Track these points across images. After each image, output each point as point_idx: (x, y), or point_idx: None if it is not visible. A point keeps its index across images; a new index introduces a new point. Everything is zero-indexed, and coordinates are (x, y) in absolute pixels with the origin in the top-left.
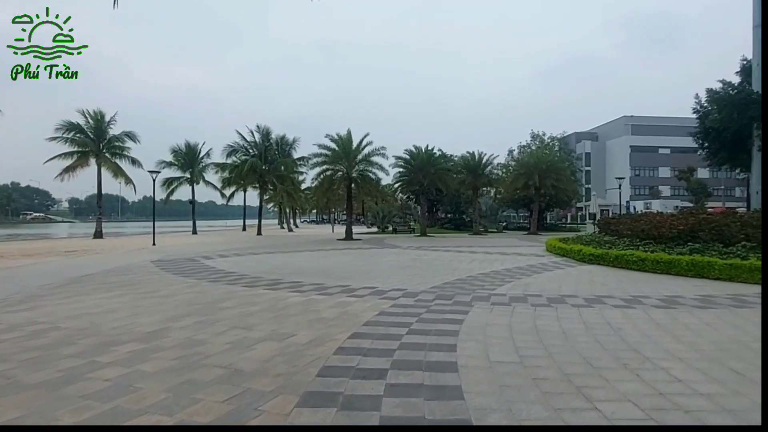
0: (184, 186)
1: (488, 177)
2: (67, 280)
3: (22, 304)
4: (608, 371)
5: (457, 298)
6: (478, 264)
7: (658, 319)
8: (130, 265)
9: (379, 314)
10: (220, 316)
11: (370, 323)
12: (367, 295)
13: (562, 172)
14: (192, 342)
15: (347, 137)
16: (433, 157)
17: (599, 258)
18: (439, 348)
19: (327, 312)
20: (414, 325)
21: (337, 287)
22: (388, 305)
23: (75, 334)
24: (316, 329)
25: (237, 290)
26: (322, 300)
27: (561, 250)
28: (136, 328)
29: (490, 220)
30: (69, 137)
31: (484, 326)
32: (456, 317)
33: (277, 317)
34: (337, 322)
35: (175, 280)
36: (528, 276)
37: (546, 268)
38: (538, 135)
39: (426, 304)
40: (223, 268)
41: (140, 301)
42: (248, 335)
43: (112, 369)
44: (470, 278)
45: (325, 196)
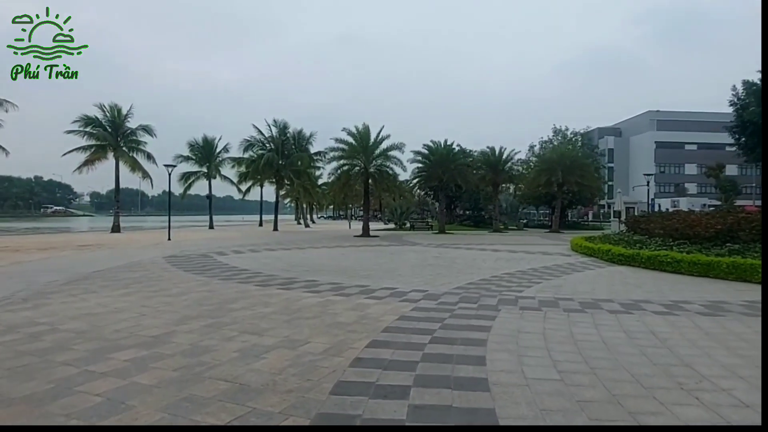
0: (203, 181)
1: (509, 173)
2: (77, 277)
3: (25, 303)
4: (662, 392)
5: (482, 301)
6: (502, 263)
7: (706, 327)
8: (142, 261)
9: (400, 319)
10: (229, 318)
11: (390, 329)
12: (387, 296)
13: (586, 169)
14: (197, 349)
15: (365, 131)
16: (452, 152)
17: (630, 259)
18: (467, 360)
19: (344, 315)
20: (437, 332)
21: (355, 287)
22: (409, 308)
23: (73, 338)
24: (332, 336)
25: (249, 290)
26: (339, 302)
27: (588, 250)
28: (140, 331)
29: (510, 217)
30: (87, 131)
31: (514, 334)
32: (483, 323)
33: (291, 321)
34: (354, 327)
35: (186, 277)
36: (556, 277)
37: (574, 268)
38: (560, 130)
39: (449, 308)
40: (237, 265)
41: (148, 301)
42: (258, 342)
43: (106, 381)
44: (495, 279)
45: (342, 192)
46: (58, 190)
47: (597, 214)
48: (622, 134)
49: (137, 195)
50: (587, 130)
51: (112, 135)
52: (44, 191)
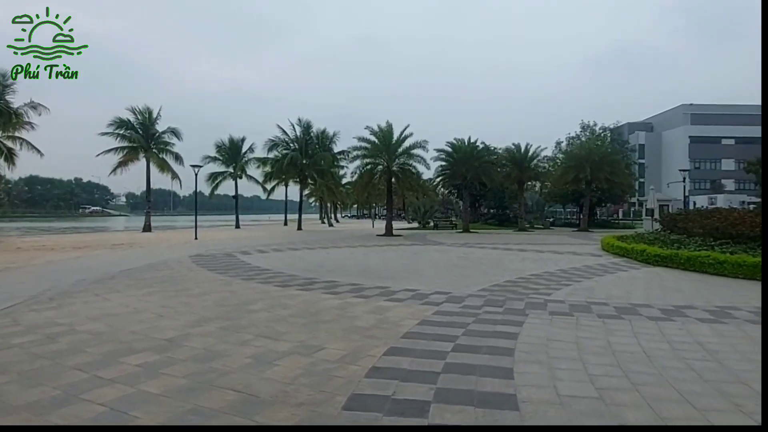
0: (230, 181)
1: (535, 170)
2: (104, 276)
3: (50, 303)
4: (718, 415)
5: (508, 304)
6: (529, 264)
7: (758, 338)
8: (169, 261)
9: (421, 323)
10: (247, 321)
11: (411, 335)
12: (408, 299)
13: (617, 165)
14: (210, 354)
15: (387, 130)
16: (476, 149)
17: (667, 259)
18: (493, 372)
19: (363, 319)
20: (461, 339)
21: (376, 289)
22: (431, 312)
23: (89, 340)
24: (349, 341)
25: (269, 290)
26: (358, 304)
27: (620, 250)
28: (155, 333)
29: (535, 215)
30: (120, 133)
31: (544, 343)
32: (509, 330)
33: (308, 324)
34: (373, 332)
35: (209, 277)
36: (587, 279)
37: (606, 269)
38: (588, 126)
39: (473, 312)
40: (259, 265)
41: (168, 301)
42: (273, 347)
43: (114, 388)
44: (522, 280)
45: (365, 191)
46: (96, 191)
47: (627, 213)
48: (654, 129)
49: (170, 195)
50: (617, 125)
51: (143, 137)
52: (83, 192)
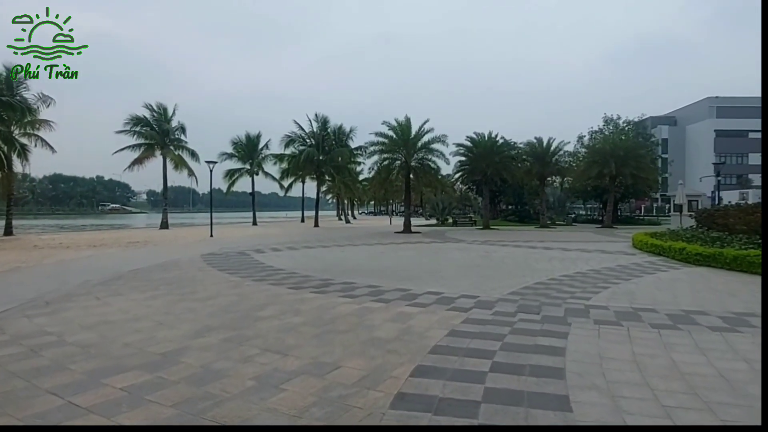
0: (247, 178)
1: (557, 165)
2: (112, 276)
3: (45, 308)
4: None
5: (545, 311)
6: (557, 263)
7: None
8: (180, 260)
9: (450, 334)
10: (254, 330)
11: (440, 350)
12: (432, 303)
13: (643, 159)
14: (207, 374)
15: (406, 124)
16: (497, 144)
17: (710, 258)
18: (546, 402)
19: (383, 328)
20: (498, 355)
21: (396, 292)
22: (460, 320)
23: (75, 355)
24: (368, 357)
25: (281, 293)
26: (377, 309)
27: (655, 248)
28: (150, 346)
29: (556, 212)
30: (136, 130)
31: (597, 361)
32: (553, 343)
33: (322, 335)
34: (396, 345)
35: (219, 278)
36: (625, 281)
37: (643, 270)
38: (611, 119)
39: (507, 320)
40: (272, 265)
41: (172, 306)
42: (281, 365)
43: (86, 420)
44: (554, 282)
45: (382, 187)
46: (117, 189)
47: (649, 208)
48: (678, 123)
49: (189, 193)
50: (641, 118)
51: (158, 133)
52: (105, 190)
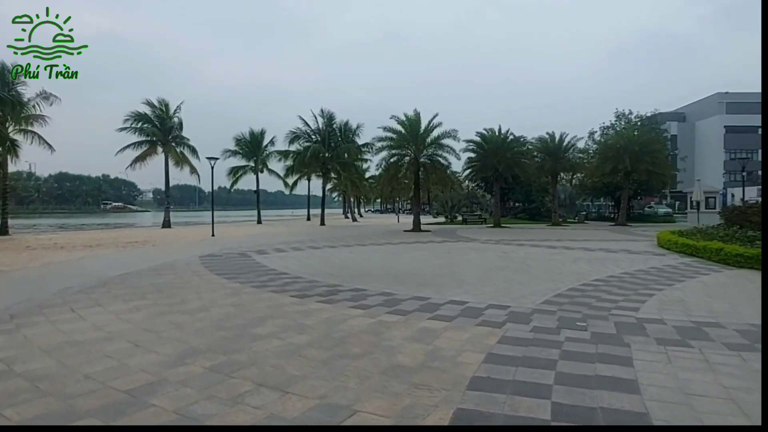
0: (251, 175)
1: (570, 161)
2: (96, 282)
3: (8, 323)
4: None
5: (593, 326)
6: (584, 265)
7: None
8: (176, 262)
9: (488, 360)
10: (248, 355)
11: (480, 384)
12: (457, 316)
13: (658, 155)
14: (182, 423)
15: (415, 119)
16: (508, 139)
17: (752, 260)
18: None
19: (405, 351)
20: (556, 391)
21: (413, 301)
22: (494, 339)
23: (20, 392)
24: (392, 395)
25: (284, 303)
26: (395, 324)
27: (687, 248)
28: (117, 379)
29: (567, 209)
30: (137, 127)
31: (684, 400)
32: (618, 373)
33: (331, 361)
34: (424, 376)
35: (215, 284)
36: (668, 287)
37: (682, 273)
38: (623, 114)
39: (552, 339)
40: (275, 268)
41: (155, 321)
42: (280, 409)
43: None
44: (589, 289)
45: (389, 185)
46: (123, 188)
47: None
48: (687, 119)
49: (194, 191)
50: (654, 113)
51: (160, 130)
52: (111, 188)
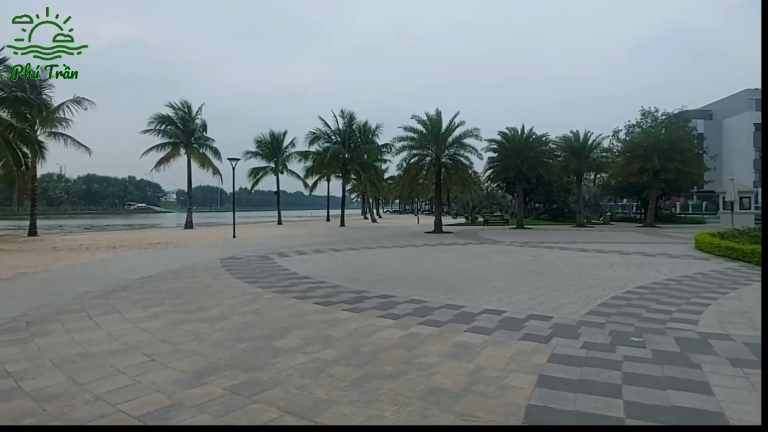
0: (272, 176)
1: (596, 160)
2: (116, 286)
3: (23, 330)
4: None
5: (650, 342)
6: (621, 270)
7: None
8: (197, 264)
9: (541, 384)
10: (271, 372)
11: (537, 415)
12: (496, 328)
13: (688, 153)
14: None
15: (436, 118)
16: (531, 138)
17: None
18: None
19: (444, 371)
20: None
21: (446, 309)
22: (544, 358)
23: (24, 415)
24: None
25: (307, 311)
26: (429, 338)
27: (731, 252)
28: (129, 401)
29: (592, 210)
30: (161, 129)
31: None
32: (696, 404)
33: (362, 382)
34: (469, 404)
35: (236, 289)
36: (722, 295)
37: (732, 279)
38: (649, 112)
39: (608, 358)
40: (297, 271)
41: (173, 330)
42: None
43: None
44: (634, 297)
45: (409, 185)
46: (148, 189)
47: (684, 206)
48: (713, 117)
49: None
50: (682, 110)
51: (183, 132)
52: (137, 190)
